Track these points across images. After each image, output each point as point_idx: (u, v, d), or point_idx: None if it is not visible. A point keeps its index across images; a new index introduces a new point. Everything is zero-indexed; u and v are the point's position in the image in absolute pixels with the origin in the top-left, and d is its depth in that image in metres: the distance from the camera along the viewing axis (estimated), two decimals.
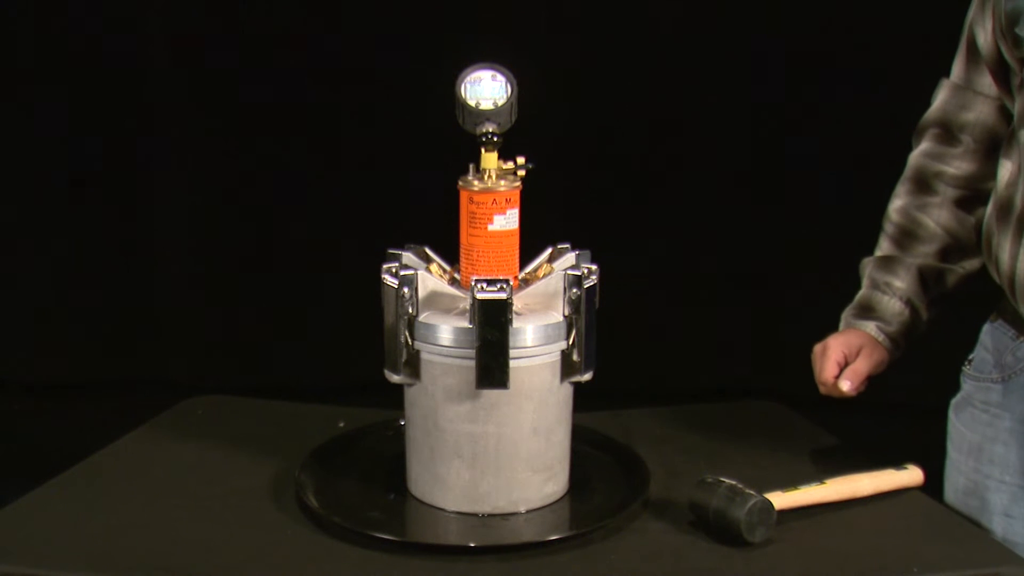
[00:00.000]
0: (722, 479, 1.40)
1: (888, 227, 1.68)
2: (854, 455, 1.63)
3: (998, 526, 1.55)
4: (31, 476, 1.52)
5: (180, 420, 1.78)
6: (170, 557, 1.32)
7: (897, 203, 1.68)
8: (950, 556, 1.36)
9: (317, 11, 2.69)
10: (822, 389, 1.64)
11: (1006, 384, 1.55)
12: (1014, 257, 1.44)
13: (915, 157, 1.68)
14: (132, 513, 1.44)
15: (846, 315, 1.68)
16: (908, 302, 1.63)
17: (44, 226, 2.83)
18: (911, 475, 1.54)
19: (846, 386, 1.59)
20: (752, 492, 1.36)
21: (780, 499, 1.40)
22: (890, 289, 1.64)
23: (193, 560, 1.32)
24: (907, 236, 1.66)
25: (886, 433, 2.19)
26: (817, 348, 1.65)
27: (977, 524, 1.55)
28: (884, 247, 1.68)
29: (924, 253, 1.64)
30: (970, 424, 1.59)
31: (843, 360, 1.61)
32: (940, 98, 1.65)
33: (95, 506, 1.46)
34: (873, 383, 1.65)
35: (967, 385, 1.61)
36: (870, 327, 1.64)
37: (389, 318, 1.42)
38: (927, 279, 1.64)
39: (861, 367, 1.61)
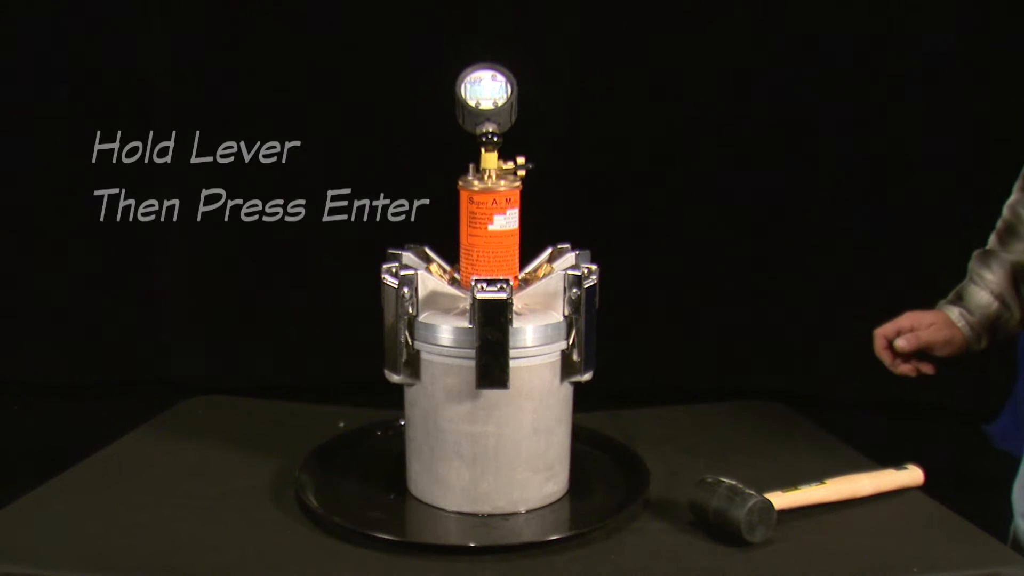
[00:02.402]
0: (722, 479, 1.39)
1: (998, 223, 1.70)
2: (854, 455, 1.63)
3: None
4: (31, 476, 1.52)
5: (180, 420, 1.77)
6: (170, 557, 1.32)
7: (1010, 200, 1.70)
8: (950, 556, 1.36)
9: (317, 12, 2.69)
10: (876, 349, 1.65)
11: None
12: None
13: None
14: (132, 513, 1.44)
15: (940, 303, 1.71)
16: (999, 296, 1.65)
17: (44, 226, 2.84)
18: (911, 475, 1.53)
19: (901, 343, 1.62)
20: (752, 492, 1.36)
21: (780, 499, 1.40)
22: (982, 281, 1.66)
23: (193, 560, 1.32)
24: (1009, 232, 1.68)
25: (886, 433, 2.19)
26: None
27: None
28: (989, 241, 1.71)
29: (1021, 250, 1.66)
30: None
31: (908, 328, 1.64)
32: None
33: (95, 506, 1.46)
34: (875, 384, 1.65)
35: None
36: (953, 312, 1.66)
37: (389, 318, 1.42)
38: (1019, 276, 1.65)
39: (923, 334, 1.63)
